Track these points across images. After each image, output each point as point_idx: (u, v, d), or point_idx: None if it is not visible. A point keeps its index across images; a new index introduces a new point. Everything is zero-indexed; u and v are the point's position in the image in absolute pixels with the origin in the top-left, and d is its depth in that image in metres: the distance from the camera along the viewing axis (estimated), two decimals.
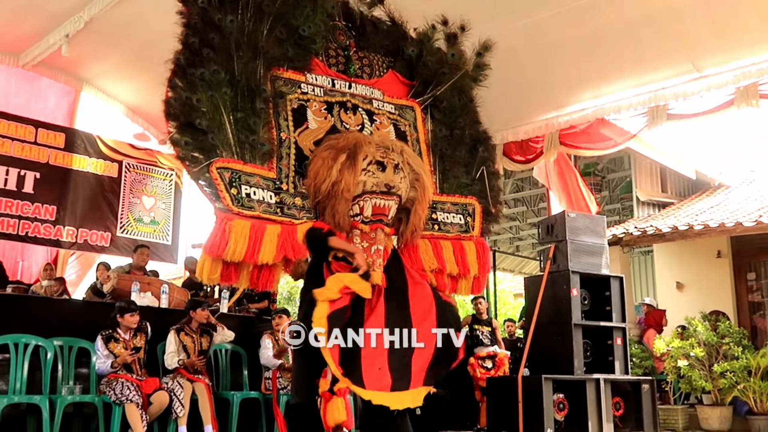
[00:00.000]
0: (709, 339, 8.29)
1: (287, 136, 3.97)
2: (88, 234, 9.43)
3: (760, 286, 11.83)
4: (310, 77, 4.21)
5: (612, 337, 7.47)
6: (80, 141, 9.61)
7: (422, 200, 4.00)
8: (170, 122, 3.76)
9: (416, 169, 3.99)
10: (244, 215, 3.61)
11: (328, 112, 4.19)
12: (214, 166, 3.62)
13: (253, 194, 3.69)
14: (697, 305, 10.07)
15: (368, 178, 3.78)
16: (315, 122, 4.11)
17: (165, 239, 10.34)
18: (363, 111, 4.33)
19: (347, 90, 4.34)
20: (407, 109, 4.58)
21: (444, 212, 4.42)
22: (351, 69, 4.44)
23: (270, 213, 3.72)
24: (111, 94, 9.69)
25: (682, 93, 7.46)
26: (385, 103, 4.47)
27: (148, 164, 10.29)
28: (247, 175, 3.71)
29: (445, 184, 4.50)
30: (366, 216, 3.80)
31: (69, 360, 5.76)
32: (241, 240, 3.54)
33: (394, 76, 4.64)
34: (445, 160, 4.53)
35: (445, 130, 4.57)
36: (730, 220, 10.24)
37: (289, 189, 3.86)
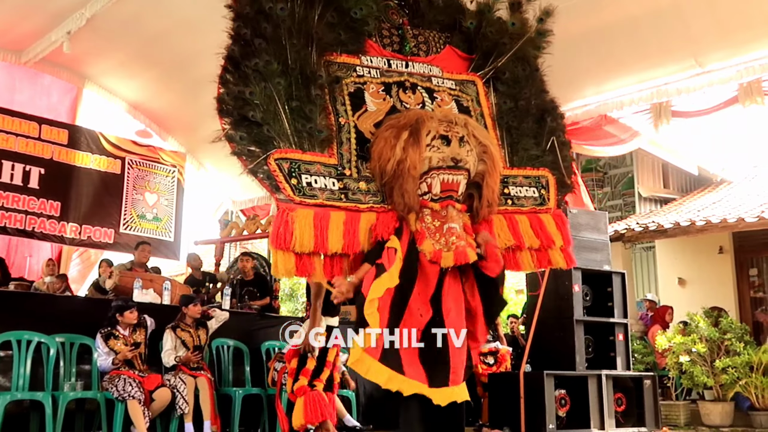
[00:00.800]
0: (711, 335, 8.28)
1: (346, 121, 3.90)
2: (92, 230, 9.45)
3: (762, 282, 11.83)
4: (365, 60, 4.12)
5: (614, 333, 7.48)
6: (83, 138, 9.63)
7: (493, 172, 3.85)
8: (224, 119, 3.70)
9: (483, 141, 3.85)
10: (306, 204, 3.54)
11: (386, 93, 4.10)
12: (272, 157, 3.55)
13: (314, 182, 3.62)
14: (699, 301, 10.07)
15: (433, 153, 3.67)
16: (373, 104, 4.02)
17: (167, 236, 10.36)
18: (422, 89, 4.22)
19: (404, 69, 4.24)
20: (468, 84, 4.44)
21: (516, 186, 4.24)
22: (407, 47, 4.32)
23: (334, 200, 3.63)
24: (113, 91, 9.71)
25: (685, 89, 7.45)
26: (444, 80, 4.36)
27: (150, 161, 10.30)
28: (307, 163, 3.64)
29: (515, 158, 4.32)
30: (435, 193, 3.70)
31: (71, 357, 5.78)
32: (307, 229, 3.48)
33: (452, 51, 4.51)
34: (512, 133, 4.35)
35: (510, 102, 4.42)
36: (732, 215, 10.23)
37: (353, 174, 3.76)
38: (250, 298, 7.92)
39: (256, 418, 6.65)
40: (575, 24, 6.86)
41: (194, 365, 6.01)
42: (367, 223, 3.67)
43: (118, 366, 5.62)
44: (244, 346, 6.88)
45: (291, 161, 3.59)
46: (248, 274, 8.23)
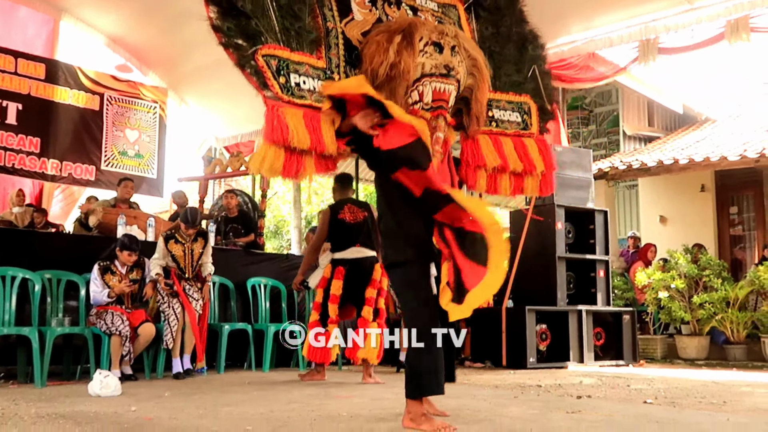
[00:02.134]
0: (690, 271, 8.44)
1: (333, 26, 3.80)
2: (73, 167, 9.34)
3: (742, 220, 12.01)
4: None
5: (595, 269, 7.61)
6: (61, 72, 9.42)
7: (482, 86, 3.78)
8: (210, 7, 3.60)
9: (472, 53, 3.76)
10: (294, 104, 3.44)
11: (372, 4, 4.00)
12: (259, 53, 3.43)
13: (303, 83, 3.52)
14: (679, 239, 10.22)
15: (426, 59, 3.57)
16: (360, 13, 3.91)
17: (150, 173, 10.27)
18: (406, 6, 4.14)
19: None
20: (450, 8, 4.38)
21: (500, 110, 4.25)
22: None
23: (320, 102, 3.52)
24: (91, 23, 9.44)
25: (674, 25, 7.37)
26: (427, 1, 4.29)
27: (130, 97, 10.12)
28: (296, 63, 3.53)
29: (497, 82, 4.29)
30: (426, 102, 3.59)
31: (58, 293, 5.80)
32: (301, 127, 3.40)
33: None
34: (495, 58, 4.32)
35: (491, 27, 4.41)
36: (714, 154, 10.30)
37: (341, 79, 3.67)
38: (235, 235, 7.93)
39: (243, 353, 6.75)
40: None
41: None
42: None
43: (112, 300, 5.66)
44: (229, 283, 6.93)
45: (279, 59, 3.49)
46: (233, 210, 8.23)
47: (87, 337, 5.56)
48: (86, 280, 5.89)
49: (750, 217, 11.93)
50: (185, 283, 6.07)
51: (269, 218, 18.02)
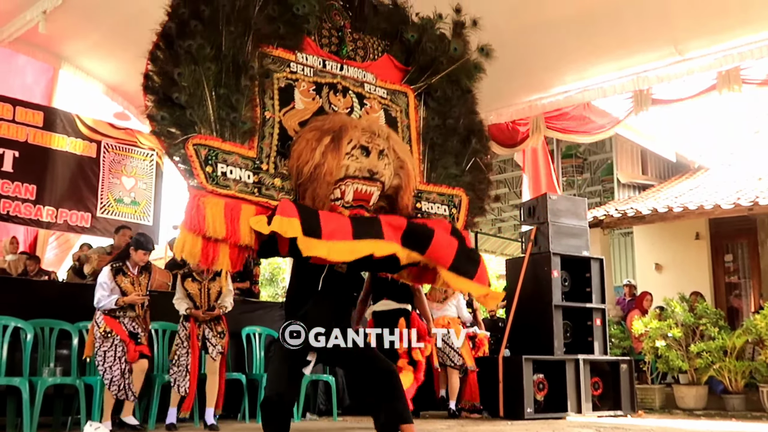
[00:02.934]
0: (687, 320, 8.40)
1: (271, 116, 3.87)
2: (68, 214, 9.33)
3: (737, 268, 12.01)
4: (301, 56, 4.08)
5: (592, 318, 7.57)
6: (59, 120, 9.48)
7: (407, 188, 3.92)
8: (148, 96, 3.65)
9: (401, 156, 3.90)
10: (217, 193, 3.49)
11: (317, 93, 4.07)
12: (190, 142, 3.49)
13: (229, 173, 3.57)
14: (675, 286, 10.20)
15: (351, 162, 3.69)
16: (302, 102, 4.00)
17: (146, 220, 10.26)
18: (353, 94, 4.22)
19: (338, 72, 4.22)
20: (400, 95, 4.46)
21: (429, 202, 4.27)
22: (344, 50, 4.30)
23: (246, 193, 3.59)
24: (90, 72, 9.54)
25: (665, 76, 7.50)
26: (377, 87, 4.36)
27: (127, 144, 10.18)
28: (225, 153, 3.58)
29: (433, 174, 4.36)
30: (347, 201, 3.72)
31: (50, 342, 5.73)
32: (219, 217, 3.43)
33: (389, 60, 4.51)
34: (435, 150, 4.39)
35: (438, 119, 4.45)
36: (708, 202, 10.35)
37: (269, 169, 3.73)
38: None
39: (237, 404, 6.65)
40: (556, 10, 6.87)
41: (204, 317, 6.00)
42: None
43: (123, 307, 5.59)
44: None
45: (209, 148, 3.53)
46: None
47: (78, 388, 5.48)
48: (78, 328, 5.83)
49: (745, 265, 11.94)
50: (204, 326, 6.02)
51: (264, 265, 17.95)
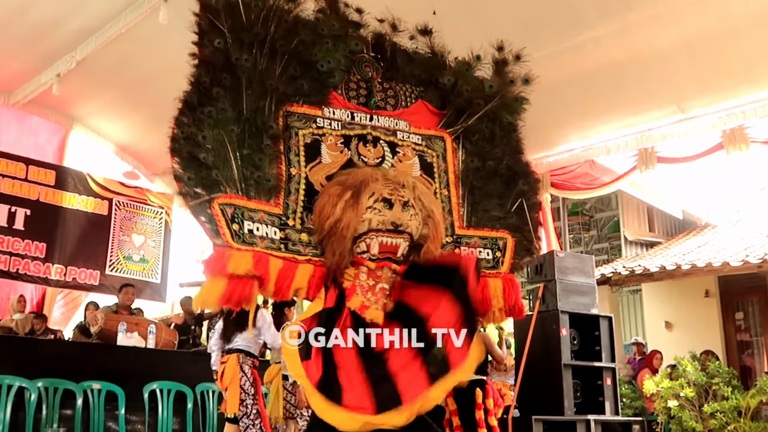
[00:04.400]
0: (699, 379, 8.27)
1: (297, 172, 3.85)
2: (77, 272, 9.36)
3: (748, 326, 11.87)
4: (327, 111, 4.07)
5: (602, 377, 7.43)
6: (70, 179, 9.61)
7: (434, 238, 3.82)
8: (174, 158, 3.70)
9: (428, 205, 3.82)
10: (243, 250, 3.49)
11: (345, 145, 4.04)
12: (216, 202, 3.52)
13: (256, 230, 3.58)
14: (686, 344, 10.06)
15: (374, 216, 3.63)
16: (329, 156, 3.96)
17: (154, 277, 10.27)
18: (384, 143, 4.16)
19: (368, 122, 4.18)
20: (436, 140, 4.38)
21: (470, 247, 4.13)
22: (372, 101, 4.25)
23: (273, 249, 3.58)
24: (101, 132, 9.72)
25: (669, 134, 7.56)
26: (411, 134, 4.29)
27: (138, 202, 10.27)
28: (251, 211, 3.60)
29: (474, 218, 4.23)
30: (373, 254, 3.65)
31: (54, 402, 5.68)
32: (245, 261, 3.44)
33: (424, 105, 4.44)
34: (475, 193, 4.27)
35: (477, 161, 4.34)
36: (717, 259, 10.30)
37: (296, 225, 3.72)
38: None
39: None
40: (559, 69, 6.98)
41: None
42: (304, 275, 3.62)
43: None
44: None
45: (235, 207, 3.56)
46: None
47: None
48: (83, 388, 5.78)
49: (756, 323, 11.79)
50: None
51: None
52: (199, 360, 6.81)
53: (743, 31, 6.27)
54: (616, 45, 6.73)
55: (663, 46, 6.64)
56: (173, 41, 7.43)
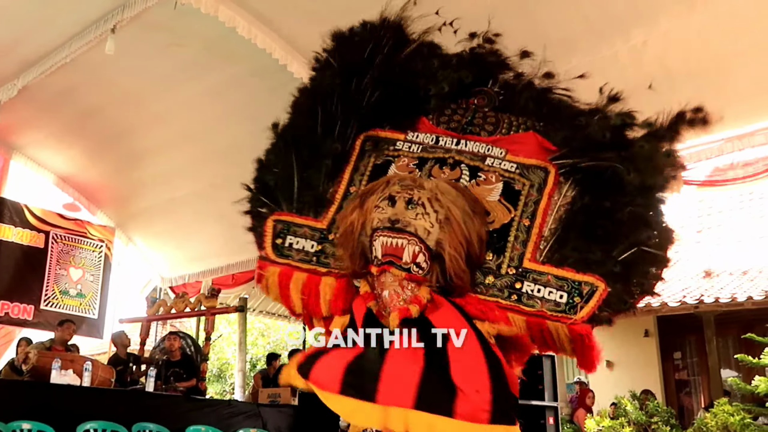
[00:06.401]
0: (639, 418, 8.40)
1: (356, 190, 3.83)
2: (10, 306, 9.03)
3: (686, 365, 12.14)
4: (411, 135, 4.01)
5: (545, 416, 7.48)
6: (6, 210, 9.32)
7: (452, 239, 3.41)
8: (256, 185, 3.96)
9: (447, 204, 3.45)
10: (276, 263, 3.67)
11: (418, 167, 3.88)
12: (271, 218, 3.75)
13: (295, 244, 3.73)
14: (626, 384, 10.23)
15: (377, 214, 3.45)
16: (395, 174, 3.85)
17: (91, 313, 9.98)
18: (466, 167, 3.89)
19: (453, 146, 3.97)
20: (536, 170, 3.95)
21: (536, 284, 3.59)
22: (463, 127, 4.08)
23: (304, 261, 3.68)
24: (42, 162, 9.49)
25: None
26: (504, 162, 3.95)
27: (77, 235, 10.01)
28: (297, 226, 3.77)
29: (556, 255, 3.68)
30: (377, 257, 3.38)
31: None
32: (274, 287, 3.66)
33: (534, 137, 4.07)
34: (571, 231, 3.72)
35: (588, 198, 3.79)
36: (655, 300, 10.54)
37: (335, 239, 3.73)
38: (177, 379, 7.64)
39: None
40: None
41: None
42: (326, 288, 3.59)
43: None
44: (167, 431, 6.58)
45: (285, 223, 3.75)
46: (175, 354, 7.98)
47: None
48: (12, 429, 5.52)
49: (693, 363, 12.07)
50: None
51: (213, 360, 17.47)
52: (136, 398, 6.63)
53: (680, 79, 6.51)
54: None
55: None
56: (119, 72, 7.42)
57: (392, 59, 3.97)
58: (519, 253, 3.67)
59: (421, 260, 3.41)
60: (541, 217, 3.78)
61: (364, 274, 3.53)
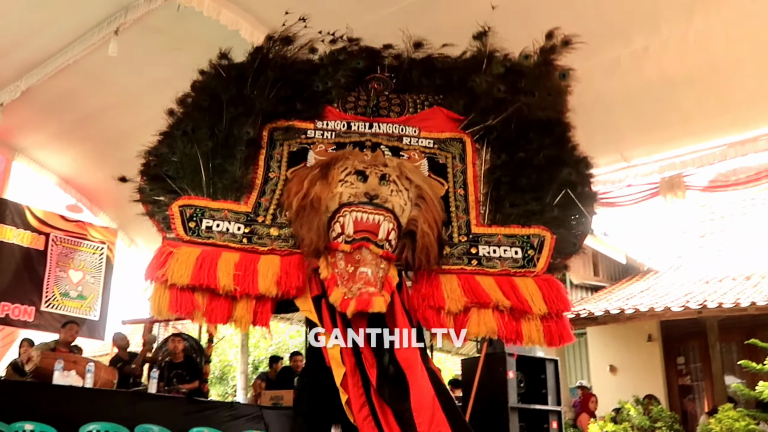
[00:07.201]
0: (642, 423, 8.37)
1: (276, 175, 3.93)
2: (11, 308, 9.04)
3: (690, 370, 12.08)
4: (320, 124, 4.13)
5: (548, 420, 7.46)
6: (8, 211, 9.33)
7: (428, 217, 3.53)
8: (144, 177, 3.92)
9: (418, 182, 3.59)
10: (195, 243, 3.56)
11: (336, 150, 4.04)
12: (176, 203, 3.67)
13: (215, 226, 3.65)
14: (629, 388, 10.20)
15: (345, 189, 3.50)
16: (315, 161, 3.95)
17: (92, 315, 9.98)
18: (386, 147, 4.09)
19: (367, 130, 4.15)
20: (453, 142, 4.22)
21: (490, 246, 3.78)
22: (368, 110, 4.25)
23: (233, 242, 3.63)
24: (44, 164, 9.50)
25: (611, 180, 7.75)
26: (420, 139, 4.17)
27: (77, 237, 10.01)
28: (213, 210, 3.71)
29: (499, 215, 3.92)
30: (348, 234, 3.43)
31: None
32: (184, 264, 3.42)
33: (440, 111, 4.33)
34: (501, 189, 3.98)
35: (505, 155, 4.09)
36: (659, 305, 10.52)
37: (266, 220, 3.74)
38: (179, 381, 7.62)
39: None
40: None
41: None
42: (268, 265, 3.54)
43: None
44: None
45: (196, 208, 3.68)
46: (178, 356, 7.96)
47: None
48: (14, 430, 5.52)
49: (697, 368, 12.01)
50: None
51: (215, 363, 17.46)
52: (138, 400, 6.61)
53: (681, 85, 6.50)
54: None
55: (606, 94, 6.82)
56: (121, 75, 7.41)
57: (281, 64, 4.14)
58: (464, 221, 3.88)
59: (392, 237, 3.51)
60: (473, 184, 4.04)
61: (323, 252, 3.50)
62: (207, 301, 3.41)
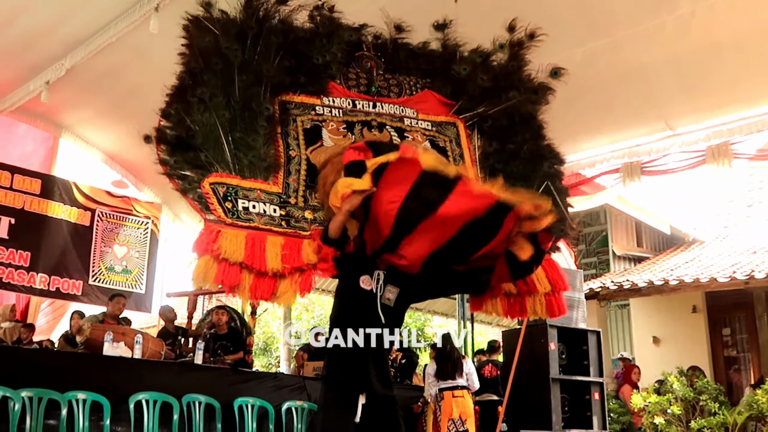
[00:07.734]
0: (686, 395, 8.28)
1: (297, 154, 3.88)
2: (61, 282, 9.30)
3: (735, 342, 11.90)
4: (327, 100, 4.12)
5: (590, 391, 7.45)
6: (56, 188, 9.55)
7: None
8: (161, 146, 3.74)
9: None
10: (238, 226, 3.45)
11: (348, 131, 4.06)
12: (206, 181, 3.52)
13: (251, 208, 3.55)
14: (673, 360, 10.08)
15: None
16: (331, 140, 3.97)
17: (138, 288, 10.21)
18: (391, 128, 4.17)
19: (371, 109, 4.20)
20: (447, 126, 4.35)
21: None
22: (372, 89, 4.29)
23: (273, 225, 3.56)
24: (90, 141, 9.67)
25: (656, 150, 7.61)
26: (419, 121, 4.28)
27: (122, 212, 10.22)
28: (246, 189, 3.59)
29: None
30: None
31: (38, 412, 5.59)
32: (236, 246, 3.37)
33: (431, 95, 4.45)
34: (497, 174, 4.08)
35: (496, 144, 4.30)
36: (704, 275, 10.35)
37: (298, 203, 3.70)
38: (224, 352, 7.77)
39: None
40: None
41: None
42: (310, 250, 3.55)
43: None
44: (216, 403, 6.71)
45: (228, 186, 3.55)
46: (222, 327, 8.10)
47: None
48: (68, 398, 5.70)
49: (743, 339, 11.83)
50: None
51: (258, 335, 17.76)
52: (185, 371, 6.76)
53: (728, 50, 6.33)
54: (605, 61, 6.76)
55: (650, 63, 6.68)
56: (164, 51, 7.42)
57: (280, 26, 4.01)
58: None
59: None
60: (471, 168, 4.19)
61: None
62: (253, 278, 3.44)
